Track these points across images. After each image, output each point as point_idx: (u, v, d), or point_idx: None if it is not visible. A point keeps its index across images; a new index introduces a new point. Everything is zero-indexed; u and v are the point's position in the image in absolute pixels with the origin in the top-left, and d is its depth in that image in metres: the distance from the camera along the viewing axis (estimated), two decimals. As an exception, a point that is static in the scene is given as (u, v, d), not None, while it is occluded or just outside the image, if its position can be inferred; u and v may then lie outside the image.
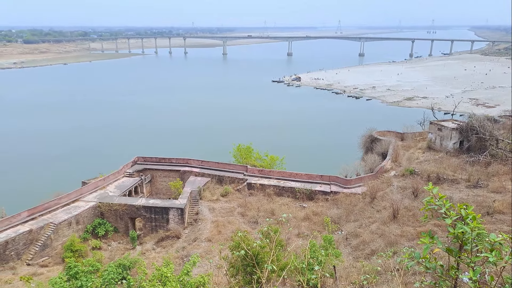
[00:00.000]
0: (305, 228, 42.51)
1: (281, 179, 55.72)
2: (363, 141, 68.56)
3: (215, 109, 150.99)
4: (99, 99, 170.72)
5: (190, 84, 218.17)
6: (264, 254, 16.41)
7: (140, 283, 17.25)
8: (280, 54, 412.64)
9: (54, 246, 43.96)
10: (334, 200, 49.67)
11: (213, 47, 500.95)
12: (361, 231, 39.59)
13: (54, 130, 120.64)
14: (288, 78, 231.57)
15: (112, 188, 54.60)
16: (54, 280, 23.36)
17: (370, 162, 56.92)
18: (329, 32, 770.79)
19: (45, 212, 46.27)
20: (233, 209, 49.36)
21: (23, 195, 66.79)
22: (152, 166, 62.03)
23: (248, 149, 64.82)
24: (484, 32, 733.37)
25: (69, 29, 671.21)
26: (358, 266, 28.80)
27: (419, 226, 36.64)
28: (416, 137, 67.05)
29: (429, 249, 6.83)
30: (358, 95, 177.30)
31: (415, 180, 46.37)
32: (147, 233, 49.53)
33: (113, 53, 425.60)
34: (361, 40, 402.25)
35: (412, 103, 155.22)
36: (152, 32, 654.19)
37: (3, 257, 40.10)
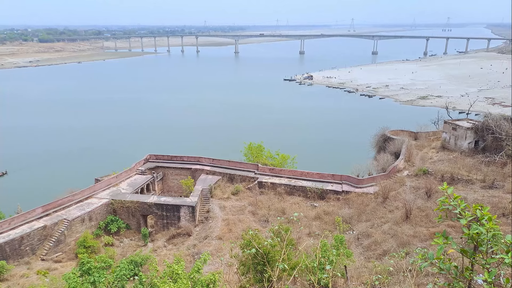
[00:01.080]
0: (316, 228, 42.29)
1: (292, 178, 55.54)
2: (375, 140, 67.86)
3: (226, 107, 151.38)
4: (112, 98, 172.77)
5: (202, 82, 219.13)
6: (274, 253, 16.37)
7: (152, 279, 17.40)
8: (292, 53, 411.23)
9: (68, 242, 44.70)
10: (346, 199, 49.29)
11: (225, 46, 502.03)
12: (373, 231, 39.20)
13: (68, 127, 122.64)
14: (300, 76, 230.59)
15: (124, 186, 55.22)
16: (68, 275, 23.72)
17: (382, 162, 56.30)
18: (342, 30, 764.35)
19: (59, 208, 47.07)
20: (243, 207, 49.42)
21: (37, 192, 68.12)
22: (164, 164, 62.51)
23: (259, 147, 64.81)
24: (501, 30, 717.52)
25: (83, 28, 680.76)
26: (369, 266, 28.54)
27: (432, 227, 36.10)
28: (430, 136, 66.05)
29: (443, 250, 6.70)
30: (371, 93, 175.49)
31: (428, 180, 45.69)
32: (159, 230, 49.97)
33: (126, 52, 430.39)
34: (375, 38, 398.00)
35: (426, 102, 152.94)
36: (164, 31, 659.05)
37: (19, 252, 40.95)
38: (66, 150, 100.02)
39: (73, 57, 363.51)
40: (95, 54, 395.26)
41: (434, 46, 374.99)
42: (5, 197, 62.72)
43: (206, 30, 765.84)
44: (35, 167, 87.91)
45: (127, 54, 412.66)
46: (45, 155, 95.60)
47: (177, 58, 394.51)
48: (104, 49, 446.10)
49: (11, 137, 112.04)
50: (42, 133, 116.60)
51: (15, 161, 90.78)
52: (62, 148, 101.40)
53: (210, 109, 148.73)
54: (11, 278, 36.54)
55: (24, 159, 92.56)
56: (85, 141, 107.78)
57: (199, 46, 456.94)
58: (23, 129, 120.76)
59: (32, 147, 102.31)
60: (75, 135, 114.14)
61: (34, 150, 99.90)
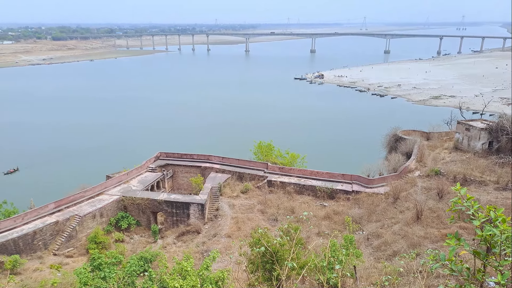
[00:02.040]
0: (325, 227, 42.09)
1: (301, 177, 55.35)
2: (387, 140, 67.17)
3: (236, 106, 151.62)
4: (124, 96, 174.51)
5: (212, 80, 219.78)
6: (283, 252, 16.33)
7: (161, 276, 17.52)
8: (303, 51, 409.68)
9: (79, 237, 45.33)
10: (356, 199, 48.94)
11: (235, 44, 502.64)
12: (383, 231, 38.86)
13: (81, 125, 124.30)
14: (311, 75, 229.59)
15: (135, 183, 55.74)
16: (79, 270, 24.06)
17: (393, 162, 55.71)
18: (354, 29, 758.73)
19: (71, 204, 47.75)
20: (253, 206, 49.45)
21: (49, 188, 69.25)
22: (174, 162, 62.91)
23: (269, 146, 64.74)
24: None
25: (95, 26, 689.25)
26: (379, 267, 28.29)
27: (444, 228, 35.62)
28: (443, 137, 65.11)
29: (455, 251, 6.60)
30: (382, 93, 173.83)
31: (440, 181, 45.04)
32: (168, 227, 50.32)
33: (137, 50, 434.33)
34: (387, 37, 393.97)
35: (439, 102, 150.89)
36: (176, 29, 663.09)
37: (32, 246, 41.68)
38: (78, 147, 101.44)
39: (85, 55, 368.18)
40: (107, 52, 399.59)
41: (448, 45, 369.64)
42: (18, 193, 63.97)
43: (217, 28, 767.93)
44: (46, 164, 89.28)
45: (139, 52, 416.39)
46: (57, 152, 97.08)
47: (188, 56, 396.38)
48: (116, 47, 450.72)
49: (23, 134, 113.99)
50: (54, 130, 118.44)
51: (27, 158, 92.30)
52: (74, 145, 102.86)
53: (220, 108, 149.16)
54: (24, 272, 37.23)
55: (35, 156, 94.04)
56: (96, 139, 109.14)
57: (210, 44, 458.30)
58: (35, 126, 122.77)
59: (44, 144, 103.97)
60: (87, 133, 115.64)
61: (46, 147, 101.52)
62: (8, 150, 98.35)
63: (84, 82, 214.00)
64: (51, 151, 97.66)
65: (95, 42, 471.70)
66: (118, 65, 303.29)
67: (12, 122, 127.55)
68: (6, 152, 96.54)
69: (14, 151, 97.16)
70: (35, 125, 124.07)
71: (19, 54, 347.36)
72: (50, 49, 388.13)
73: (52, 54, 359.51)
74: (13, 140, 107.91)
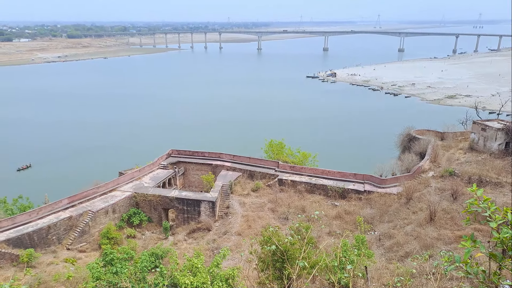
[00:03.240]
0: (336, 227, 41.81)
1: (312, 176, 55.08)
2: (400, 139, 66.32)
3: (248, 104, 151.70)
4: (137, 93, 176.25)
5: (224, 78, 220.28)
6: (294, 251, 16.25)
7: (172, 272, 17.63)
8: (315, 49, 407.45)
9: (92, 232, 45.98)
10: (368, 199, 48.47)
11: (248, 42, 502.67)
12: (395, 232, 38.39)
13: (94, 122, 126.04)
14: (323, 73, 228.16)
15: (147, 179, 56.25)
16: (92, 265, 24.40)
17: (407, 162, 54.98)
18: (367, 27, 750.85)
19: (84, 200, 48.46)
20: (263, 204, 49.41)
21: (63, 184, 70.33)
22: (186, 159, 63.27)
23: (280, 144, 64.58)
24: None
25: (110, 24, 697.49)
26: (391, 268, 27.95)
27: (458, 230, 34.99)
28: (458, 137, 63.96)
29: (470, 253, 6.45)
30: (396, 92, 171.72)
31: (454, 182, 44.27)
32: (179, 224, 50.66)
33: (150, 48, 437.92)
34: (401, 35, 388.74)
35: (454, 102, 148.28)
36: (188, 27, 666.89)
37: (46, 241, 42.45)
38: (91, 144, 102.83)
39: (99, 53, 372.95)
40: (121, 50, 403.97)
41: (464, 43, 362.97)
42: (31, 189, 64.89)
43: (230, 26, 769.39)
44: (59, 161, 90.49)
45: (152, 50, 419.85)
46: (70, 149, 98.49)
47: (200, 54, 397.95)
48: (129, 45, 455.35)
49: (36, 131, 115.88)
50: (67, 127, 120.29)
51: (39, 154, 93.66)
52: (87, 142, 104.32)
53: (232, 106, 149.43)
54: (38, 266, 37.95)
55: (48, 153, 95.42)
56: (110, 135, 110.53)
57: (222, 42, 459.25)
58: (48, 123, 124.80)
59: (57, 141, 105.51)
60: (101, 130, 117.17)
61: (59, 144, 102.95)
62: (21, 147, 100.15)
63: (98, 79, 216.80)
64: (63, 148, 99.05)
65: (109, 40, 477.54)
66: (131, 63, 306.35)
67: (25, 118, 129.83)
68: (19, 149, 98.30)
69: (27, 148, 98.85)
70: (48, 122, 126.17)
71: (35, 51, 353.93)
72: (65, 47, 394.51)
73: (67, 52, 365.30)
74: (26, 137, 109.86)
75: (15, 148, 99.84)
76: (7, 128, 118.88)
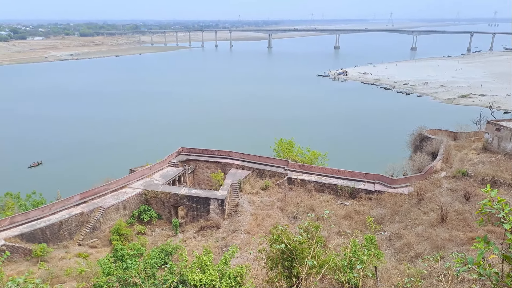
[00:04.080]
0: (346, 227, 41.55)
1: (322, 175, 54.80)
2: (412, 139, 65.55)
3: (257, 102, 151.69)
4: (148, 91, 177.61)
5: (234, 77, 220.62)
6: (303, 250, 16.18)
7: (181, 269, 17.71)
8: (326, 48, 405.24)
9: (103, 229, 46.53)
10: (378, 199, 48.05)
11: (258, 40, 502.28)
12: (405, 232, 37.97)
13: (105, 119, 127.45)
14: (334, 72, 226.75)
15: (157, 177, 56.67)
16: (102, 260, 24.64)
17: (418, 162, 54.29)
18: (379, 25, 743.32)
19: (95, 196, 49.05)
20: (272, 203, 49.36)
21: (74, 180, 71.26)
22: (195, 157, 63.54)
23: (289, 143, 64.42)
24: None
25: (121, 22, 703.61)
26: (401, 268, 27.67)
27: (470, 231, 34.45)
28: (471, 137, 62.92)
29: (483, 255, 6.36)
30: (408, 91, 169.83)
31: (467, 183, 43.58)
32: (189, 221, 50.95)
33: (161, 46, 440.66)
34: (414, 34, 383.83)
35: (468, 101, 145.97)
36: (199, 25, 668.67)
37: (58, 236, 43.11)
38: (103, 141, 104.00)
39: (111, 51, 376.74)
40: (132, 48, 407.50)
41: (479, 42, 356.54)
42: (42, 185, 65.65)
43: (240, 24, 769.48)
44: (70, 158, 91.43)
45: (163, 48, 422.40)
46: (81, 146, 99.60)
47: (211, 52, 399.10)
48: (140, 43, 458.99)
49: (47, 128, 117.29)
50: (78, 125, 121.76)
51: (50, 151, 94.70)
52: (99, 139, 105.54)
53: (241, 104, 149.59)
54: (51, 260, 38.58)
55: (59, 150, 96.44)
56: (121, 133, 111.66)
57: (233, 40, 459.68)
58: (59, 120, 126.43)
59: (68, 138, 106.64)
60: (112, 127, 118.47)
61: (70, 141, 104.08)
62: (32, 144, 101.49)
63: (109, 77, 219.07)
64: (75, 145, 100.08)
65: (120, 38, 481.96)
66: (142, 61, 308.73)
67: (36, 115, 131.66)
68: (30, 146, 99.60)
69: (38, 145, 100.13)
70: (60, 119, 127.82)
71: (48, 49, 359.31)
72: (78, 45, 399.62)
73: (79, 50, 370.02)
74: (37, 134, 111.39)
75: (26, 145, 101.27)
76: (19, 125, 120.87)
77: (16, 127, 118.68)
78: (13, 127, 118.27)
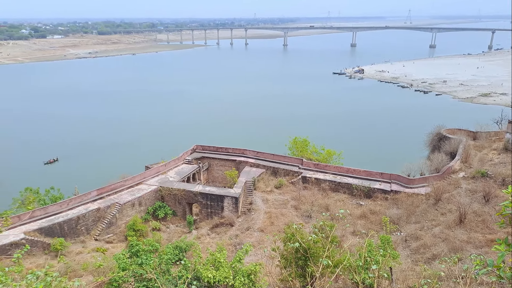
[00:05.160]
0: (361, 227, 41.07)
1: (337, 174, 54.31)
2: (429, 138, 64.32)
3: (272, 100, 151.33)
4: (164, 90, 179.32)
5: (248, 75, 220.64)
6: (317, 249, 16.05)
7: (195, 265, 17.82)
8: (343, 45, 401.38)
9: (119, 224, 47.28)
10: (394, 199, 47.34)
11: (273, 38, 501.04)
12: (422, 233, 37.29)
13: (122, 117, 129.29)
14: (350, 70, 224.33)
15: (172, 174, 57.23)
16: (118, 256, 25.02)
17: (436, 162, 53.22)
18: (397, 22, 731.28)
19: (111, 192, 49.87)
20: (286, 201, 49.21)
21: (91, 177, 72.41)
22: (210, 155, 63.89)
23: (304, 142, 64.05)
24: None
25: (138, 21, 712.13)
26: (417, 270, 27.19)
27: (489, 233, 33.59)
28: (491, 137, 61.30)
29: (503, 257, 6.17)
30: (426, 89, 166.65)
31: (487, 184, 42.48)
32: (203, 218, 51.30)
33: (177, 44, 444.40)
34: (433, 31, 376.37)
35: (488, 100, 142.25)
36: (215, 23, 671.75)
37: (75, 231, 44.03)
38: (120, 138, 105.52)
39: (128, 49, 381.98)
40: (149, 47, 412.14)
41: (501, 39, 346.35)
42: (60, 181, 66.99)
43: (256, 22, 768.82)
44: (87, 155, 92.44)
45: (178, 46, 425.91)
46: (98, 143, 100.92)
47: (226, 50, 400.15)
48: (157, 42, 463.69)
49: (64, 125, 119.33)
50: (96, 122, 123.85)
51: (67, 148, 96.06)
52: (116, 136, 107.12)
53: (256, 102, 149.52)
54: (68, 255, 39.42)
55: (76, 147, 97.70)
56: (137, 130, 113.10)
57: (248, 38, 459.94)
58: (77, 118, 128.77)
59: (85, 136, 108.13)
60: (128, 125, 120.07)
61: (87, 138, 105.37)
62: (48, 141, 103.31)
63: (126, 75, 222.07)
64: (91, 143, 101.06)
65: (137, 36, 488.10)
66: (159, 59, 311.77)
67: (52, 114, 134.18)
68: (46, 143, 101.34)
69: (54, 142, 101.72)
70: (76, 117, 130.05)
71: (67, 48, 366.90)
72: (96, 43, 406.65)
73: (97, 48, 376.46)
74: (54, 131, 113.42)
75: (42, 142, 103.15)
76: (35, 122, 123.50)
77: (32, 124, 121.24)
78: (29, 124, 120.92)
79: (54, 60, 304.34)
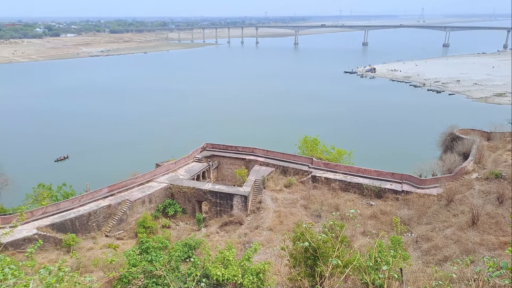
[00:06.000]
0: (371, 227, 40.70)
1: (347, 174, 53.91)
2: (442, 139, 63.35)
3: (283, 99, 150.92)
4: (175, 88, 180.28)
5: (259, 73, 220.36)
6: (326, 249, 15.93)
7: (204, 263, 17.88)
8: (355, 44, 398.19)
9: (129, 221, 47.74)
10: (405, 200, 46.80)
11: (284, 37, 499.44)
12: (433, 235, 36.80)
13: (132, 115, 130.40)
14: (362, 69, 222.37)
15: (182, 172, 57.53)
16: (128, 252, 25.32)
17: (449, 162, 52.39)
18: (410, 21, 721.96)
19: (122, 189, 50.37)
20: (296, 200, 49.05)
21: (101, 174, 72.99)
22: (220, 153, 64.01)
23: (314, 141, 63.68)
24: None
25: (150, 19, 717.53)
26: (428, 271, 26.83)
27: (503, 236, 32.98)
28: (506, 137, 60.10)
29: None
30: (439, 89, 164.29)
31: (501, 185, 41.69)
32: (212, 216, 51.46)
33: (188, 43, 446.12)
34: (447, 30, 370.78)
35: (503, 100, 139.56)
36: (226, 22, 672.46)
37: (86, 227, 44.59)
38: (131, 136, 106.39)
39: (139, 48, 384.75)
40: (160, 45, 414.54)
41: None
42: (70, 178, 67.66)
43: (267, 21, 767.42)
44: (97, 152, 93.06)
45: (190, 45, 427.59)
46: (108, 141, 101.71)
47: (237, 49, 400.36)
48: (168, 40, 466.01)
49: (75, 123, 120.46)
50: (107, 120, 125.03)
51: (77, 146, 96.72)
52: (127, 134, 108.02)
53: (266, 100, 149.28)
54: (79, 250, 39.93)
55: (86, 145, 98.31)
56: (148, 128, 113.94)
57: (259, 37, 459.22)
58: (89, 115, 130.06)
59: (95, 133, 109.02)
60: (138, 123, 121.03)
61: (97, 136, 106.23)
62: (59, 138, 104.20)
63: (137, 73, 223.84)
64: (101, 140, 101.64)
65: (149, 35, 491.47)
66: (170, 57, 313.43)
67: (64, 111, 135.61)
68: (57, 140, 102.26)
69: (64, 140, 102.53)
70: (87, 114, 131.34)
71: (80, 46, 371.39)
72: (108, 42, 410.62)
73: (109, 46, 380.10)
74: (64, 128, 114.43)
75: (52, 139, 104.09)
76: (46, 119, 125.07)
77: (43, 121, 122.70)
78: (40, 121, 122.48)
79: (67, 58, 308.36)
